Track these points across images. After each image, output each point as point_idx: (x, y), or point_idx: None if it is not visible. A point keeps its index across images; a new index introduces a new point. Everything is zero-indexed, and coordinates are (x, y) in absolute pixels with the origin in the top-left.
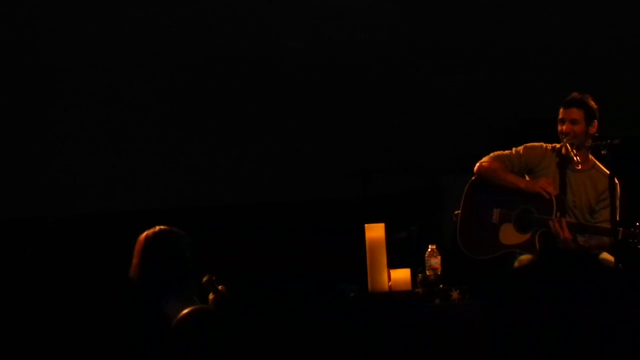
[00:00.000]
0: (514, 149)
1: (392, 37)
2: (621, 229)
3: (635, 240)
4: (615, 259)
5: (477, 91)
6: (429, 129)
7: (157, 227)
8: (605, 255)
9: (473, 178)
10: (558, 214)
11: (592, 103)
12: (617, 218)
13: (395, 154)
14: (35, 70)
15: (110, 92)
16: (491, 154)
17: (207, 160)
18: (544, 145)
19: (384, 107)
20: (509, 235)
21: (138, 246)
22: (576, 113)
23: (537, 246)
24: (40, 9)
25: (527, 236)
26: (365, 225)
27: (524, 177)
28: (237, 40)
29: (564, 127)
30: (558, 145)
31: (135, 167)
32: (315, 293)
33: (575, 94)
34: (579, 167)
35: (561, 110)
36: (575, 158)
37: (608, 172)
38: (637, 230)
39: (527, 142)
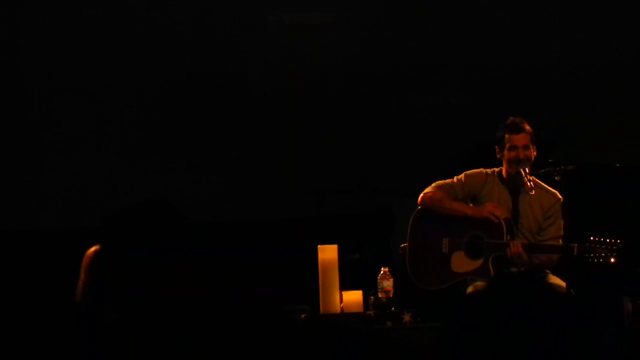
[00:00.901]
0: (455, 177)
1: (347, 58)
2: (576, 245)
3: (592, 255)
4: (566, 283)
5: (431, 114)
6: (382, 151)
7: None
8: (556, 280)
9: (418, 209)
10: (508, 236)
11: (531, 127)
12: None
13: (348, 176)
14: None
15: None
16: (433, 184)
17: (158, 179)
18: (483, 170)
19: (337, 128)
20: (461, 263)
21: (85, 263)
22: (525, 138)
23: (491, 271)
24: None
25: (479, 262)
26: (318, 246)
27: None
28: (197, 58)
29: (519, 154)
30: (499, 169)
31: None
32: (264, 313)
33: (515, 119)
34: (533, 193)
35: (509, 136)
36: (528, 183)
37: (549, 188)
38: (593, 245)
39: (479, 167)
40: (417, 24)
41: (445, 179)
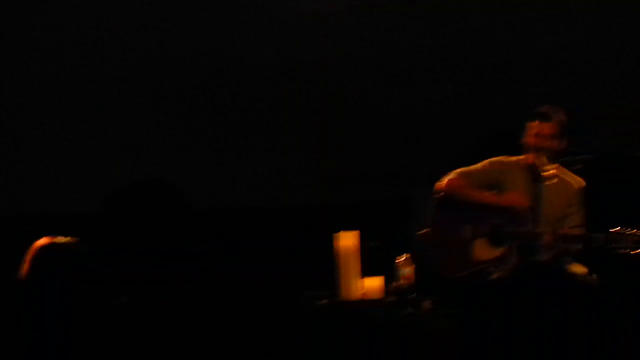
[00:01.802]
0: (478, 164)
1: (368, 49)
2: (603, 235)
3: (616, 246)
4: (588, 269)
5: (450, 104)
6: (401, 140)
7: (56, 239)
8: (579, 268)
9: (440, 195)
10: (532, 225)
11: (565, 118)
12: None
13: (369, 164)
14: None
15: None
16: (455, 171)
17: (176, 168)
18: (507, 158)
19: (359, 117)
20: (483, 250)
21: (30, 254)
22: (553, 128)
23: (514, 259)
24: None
25: (502, 250)
26: (338, 233)
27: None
28: (211, 49)
29: (540, 142)
30: (522, 158)
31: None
32: (284, 300)
33: (549, 108)
34: (555, 181)
35: (537, 123)
36: (548, 172)
37: (572, 174)
38: (619, 235)
39: (499, 155)
40: (433, 17)
41: (465, 167)
